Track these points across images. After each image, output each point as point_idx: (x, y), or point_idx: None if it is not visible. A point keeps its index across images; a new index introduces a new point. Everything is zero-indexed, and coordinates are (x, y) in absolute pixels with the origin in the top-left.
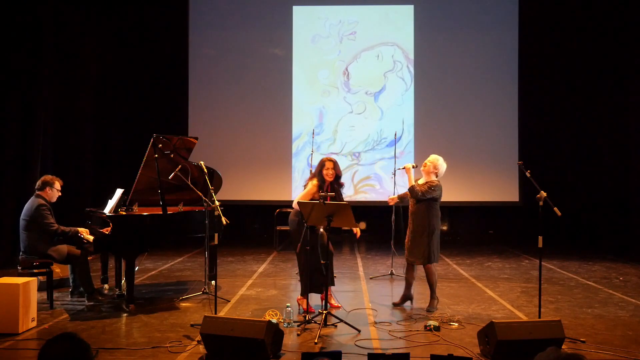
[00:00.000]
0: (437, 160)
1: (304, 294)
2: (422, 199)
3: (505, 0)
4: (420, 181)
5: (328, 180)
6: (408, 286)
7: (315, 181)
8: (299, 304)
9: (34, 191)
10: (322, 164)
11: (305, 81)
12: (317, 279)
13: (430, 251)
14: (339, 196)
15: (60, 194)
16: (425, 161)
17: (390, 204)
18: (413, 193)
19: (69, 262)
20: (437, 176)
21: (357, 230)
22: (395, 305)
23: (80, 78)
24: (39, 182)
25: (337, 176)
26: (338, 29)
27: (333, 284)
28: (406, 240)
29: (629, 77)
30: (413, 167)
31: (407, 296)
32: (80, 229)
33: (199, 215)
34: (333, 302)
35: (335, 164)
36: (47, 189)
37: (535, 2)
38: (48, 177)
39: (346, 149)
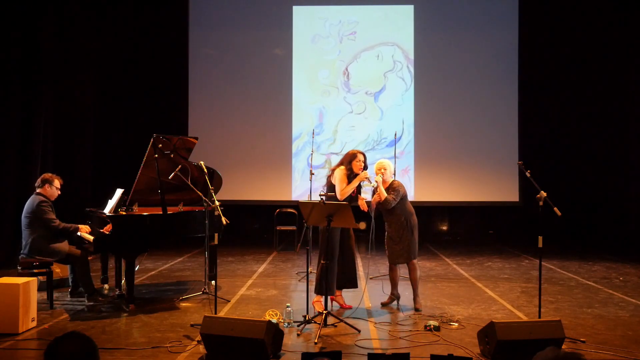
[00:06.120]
0: (388, 164)
1: (325, 293)
2: (395, 204)
3: (505, 0)
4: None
5: (356, 172)
6: (394, 285)
7: (343, 168)
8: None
9: (34, 191)
10: (353, 155)
11: (305, 81)
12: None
13: (412, 248)
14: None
15: (59, 192)
16: (380, 169)
17: (372, 207)
18: (389, 204)
19: (69, 261)
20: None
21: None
22: (383, 305)
23: (80, 78)
24: (38, 180)
25: (365, 167)
26: (338, 29)
27: (341, 288)
28: (387, 243)
29: (629, 76)
30: (376, 182)
31: (395, 295)
32: (81, 226)
33: (199, 215)
34: (343, 302)
35: (365, 158)
36: (47, 186)
37: (535, 2)
38: (47, 175)
39: (346, 149)
